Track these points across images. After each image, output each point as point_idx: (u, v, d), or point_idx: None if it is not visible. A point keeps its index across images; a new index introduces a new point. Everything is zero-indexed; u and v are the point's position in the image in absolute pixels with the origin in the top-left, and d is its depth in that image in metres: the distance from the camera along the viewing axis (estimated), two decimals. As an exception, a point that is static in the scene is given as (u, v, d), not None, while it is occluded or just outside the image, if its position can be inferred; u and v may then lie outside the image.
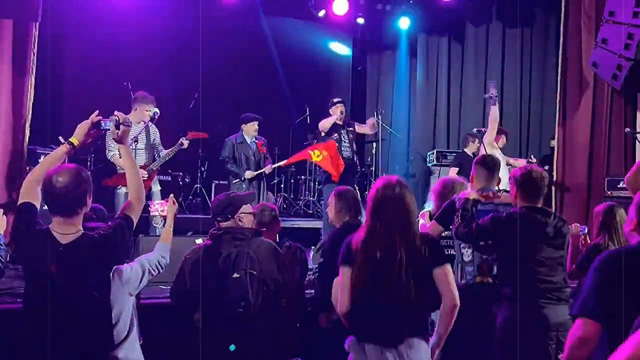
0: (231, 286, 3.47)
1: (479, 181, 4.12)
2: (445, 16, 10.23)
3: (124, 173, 3.26)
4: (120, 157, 4.70)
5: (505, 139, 8.30)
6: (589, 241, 4.47)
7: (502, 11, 10.16)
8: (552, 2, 7.84)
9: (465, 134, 9.03)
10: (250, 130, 7.75)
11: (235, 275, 3.48)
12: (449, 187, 4.33)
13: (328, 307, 3.75)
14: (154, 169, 6.81)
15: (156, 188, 6.92)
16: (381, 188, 3.17)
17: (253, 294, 3.47)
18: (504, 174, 8.04)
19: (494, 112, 7.68)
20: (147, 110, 6.66)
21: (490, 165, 4.19)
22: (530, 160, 8.08)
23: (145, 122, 6.71)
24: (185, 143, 6.75)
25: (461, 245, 3.93)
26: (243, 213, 3.76)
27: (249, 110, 7.94)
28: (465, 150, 8.44)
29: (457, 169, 8.20)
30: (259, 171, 7.67)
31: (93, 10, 8.55)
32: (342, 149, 7.81)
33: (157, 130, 6.96)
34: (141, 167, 6.73)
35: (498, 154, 8.19)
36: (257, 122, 7.78)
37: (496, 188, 4.14)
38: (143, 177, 6.62)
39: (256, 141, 7.85)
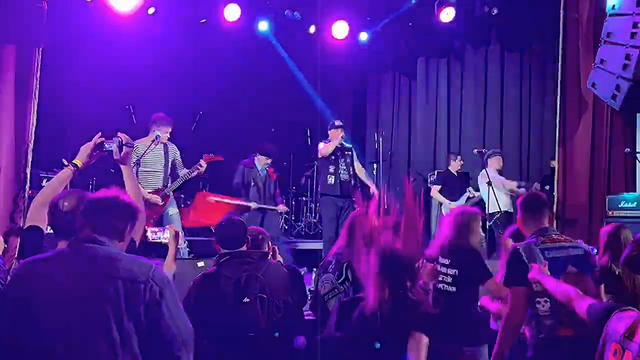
0: (241, 311, 3.44)
1: (528, 226, 3.76)
2: (445, 39, 10.32)
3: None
4: None
5: (501, 160, 8.50)
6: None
7: (501, 34, 10.23)
8: (551, 24, 7.91)
9: (447, 154, 9.64)
10: (262, 159, 7.87)
11: (245, 299, 3.45)
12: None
13: None
14: (168, 193, 6.66)
15: (173, 211, 6.74)
16: None
17: (263, 318, 3.45)
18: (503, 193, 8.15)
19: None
20: (164, 133, 6.65)
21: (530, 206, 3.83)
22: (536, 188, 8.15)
23: (160, 143, 6.68)
24: (204, 166, 6.72)
25: (536, 299, 3.46)
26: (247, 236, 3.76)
27: (248, 133, 7.98)
28: (449, 168, 9.10)
29: (440, 186, 8.94)
30: (268, 207, 7.83)
31: (96, 35, 8.60)
32: (340, 172, 7.83)
33: (176, 150, 6.92)
34: (156, 191, 6.61)
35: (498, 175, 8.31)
36: (270, 159, 7.94)
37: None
38: (157, 202, 6.53)
39: (267, 168, 7.93)
